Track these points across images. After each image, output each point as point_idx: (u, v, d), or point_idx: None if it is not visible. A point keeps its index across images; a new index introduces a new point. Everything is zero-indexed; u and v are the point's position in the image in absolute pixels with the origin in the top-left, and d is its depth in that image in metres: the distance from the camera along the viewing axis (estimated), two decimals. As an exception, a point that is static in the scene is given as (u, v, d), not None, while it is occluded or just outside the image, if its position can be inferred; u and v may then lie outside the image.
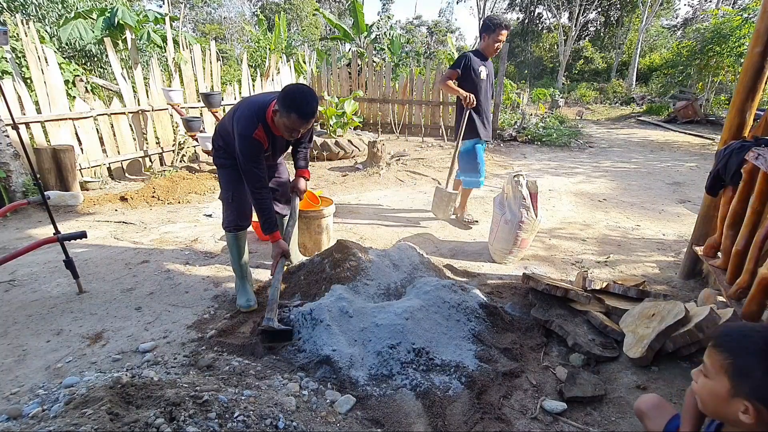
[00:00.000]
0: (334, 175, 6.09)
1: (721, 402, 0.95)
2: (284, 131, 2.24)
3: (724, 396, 0.94)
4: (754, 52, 2.33)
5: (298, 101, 2.10)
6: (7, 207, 2.78)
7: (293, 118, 2.12)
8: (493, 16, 3.62)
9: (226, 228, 2.58)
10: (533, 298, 2.50)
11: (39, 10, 8.76)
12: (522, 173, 3.24)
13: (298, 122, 2.14)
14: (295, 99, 2.11)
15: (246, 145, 2.21)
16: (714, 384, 0.96)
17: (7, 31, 2.38)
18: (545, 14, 25.54)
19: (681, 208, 4.79)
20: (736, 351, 0.93)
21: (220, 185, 2.59)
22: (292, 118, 2.12)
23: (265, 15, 18.83)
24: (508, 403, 1.84)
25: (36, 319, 2.47)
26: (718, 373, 0.95)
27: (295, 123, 2.15)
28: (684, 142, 9.21)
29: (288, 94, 2.12)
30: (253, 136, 2.20)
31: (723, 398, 0.94)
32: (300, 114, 2.12)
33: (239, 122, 2.22)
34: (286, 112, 2.12)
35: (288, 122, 2.15)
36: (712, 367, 0.97)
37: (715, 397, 0.96)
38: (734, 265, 2.17)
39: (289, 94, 2.12)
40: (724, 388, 0.93)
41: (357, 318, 2.15)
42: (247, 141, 2.21)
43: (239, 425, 1.38)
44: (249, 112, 2.24)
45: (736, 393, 0.91)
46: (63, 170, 4.57)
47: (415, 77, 9.13)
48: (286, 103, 2.11)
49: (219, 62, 7.08)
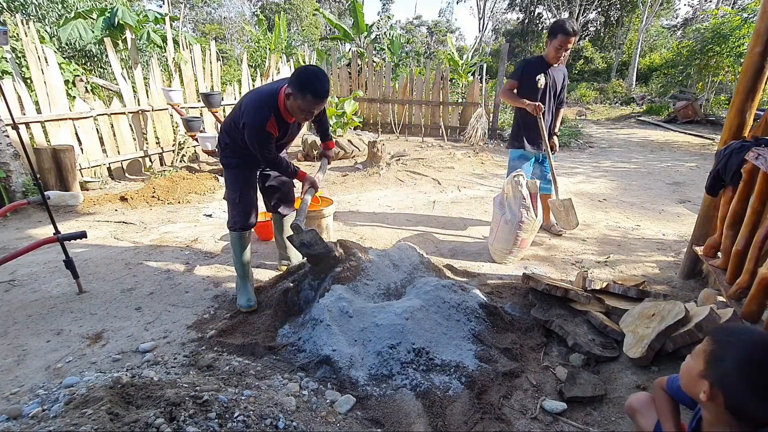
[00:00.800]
0: (334, 175, 6.09)
1: (691, 379, 1.07)
2: (298, 114, 2.25)
3: (695, 375, 1.05)
4: (754, 52, 2.33)
5: (312, 82, 2.11)
6: (7, 207, 2.78)
7: (308, 99, 2.13)
8: (559, 19, 3.27)
9: (231, 228, 2.58)
10: (533, 298, 2.50)
11: (39, 10, 8.76)
12: (522, 173, 3.24)
13: (313, 103, 2.15)
14: (309, 80, 2.11)
15: (256, 135, 2.23)
16: (692, 363, 1.08)
17: (7, 31, 2.38)
18: (545, 14, 25.55)
19: (681, 208, 4.79)
20: (721, 341, 1.02)
21: (226, 185, 2.58)
22: (307, 99, 2.13)
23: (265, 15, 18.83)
24: (508, 403, 1.84)
25: (36, 319, 2.47)
26: (700, 355, 1.05)
27: (310, 104, 2.16)
28: (684, 142, 9.20)
29: (300, 75, 2.13)
30: (265, 128, 2.22)
31: (693, 376, 1.06)
32: (315, 94, 2.12)
33: (249, 113, 2.22)
34: (300, 93, 2.12)
35: (303, 104, 2.15)
36: (699, 349, 1.08)
37: (689, 373, 1.08)
38: (734, 265, 2.17)
39: (301, 75, 2.13)
40: (698, 369, 1.04)
41: (357, 318, 2.15)
42: (257, 132, 2.22)
43: (239, 425, 1.38)
44: (259, 103, 2.24)
45: (704, 375, 1.02)
46: (63, 170, 4.57)
47: (415, 77, 9.12)
48: (300, 84, 2.11)
49: (219, 62, 7.08)
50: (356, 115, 8.31)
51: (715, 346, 1.02)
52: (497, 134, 8.79)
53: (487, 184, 5.71)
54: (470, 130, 8.32)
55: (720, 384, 0.97)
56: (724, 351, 0.99)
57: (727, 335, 1.03)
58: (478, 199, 5.00)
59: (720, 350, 1.00)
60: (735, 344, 0.98)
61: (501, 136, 8.83)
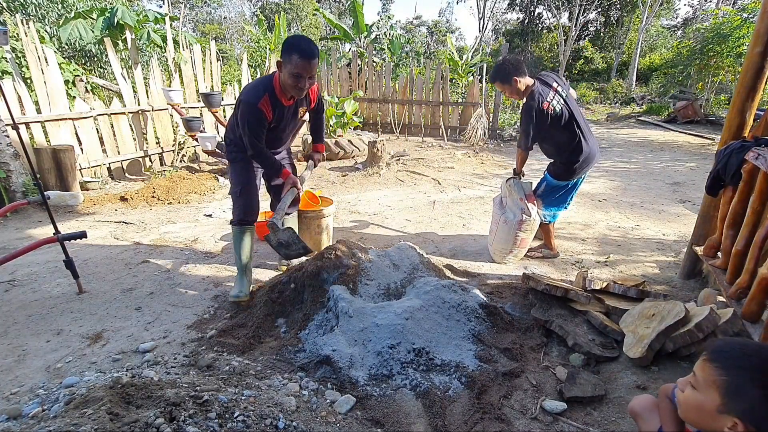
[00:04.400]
0: (334, 175, 6.09)
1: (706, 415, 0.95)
2: (291, 84, 2.25)
3: (711, 410, 0.93)
4: (754, 52, 2.33)
5: (297, 43, 2.17)
6: (7, 207, 2.78)
7: (295, 60, 2.16)
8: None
9: (232, 222, 2.66)
10: (533, 298, 2.50)
11: (39, 10, 8.76)
12: (522, 173, 3.24)
13: (300, 64, 2.17)
14: (294, 42, 2.18)
15: (248, 111, 2.26)
16: (703, 398, 0.95)
17: (7, 31, 2.38)
18: (545, 14, 25.51)
19: (681, 208, 4.79)
20: (732, 369, 0.92)
21: (230, 180, 2.67)
22: (293, 60, 2.16)
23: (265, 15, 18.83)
24: (508, 403, 1.83)
25: (36, 319, 2.47)
26: (710, 388, 0.94)
27: (298, 65, 2.17)
28: (684, 142, 9.20)
29: (287, 41, 2.21)
30: (258, 105, 2.25)
31: (709, 412, 0.94)
32: (301, 53, 2.15)
33: (245, 92, 2.31)
34: (287, 56, 2.17)
35: (291, 68, 2.18)
36: (703, 380, 0.96)
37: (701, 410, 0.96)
38: (734, 265, 2.17)
39: (287, 40, 2.21)
40: (714, 403, 0.93)
41: (357, 318, 2.15)
42: (250, 108, 2.26)
43: (239, 425, 1.38)
44: (255, 83, 2.35)
45: (726, 410, 0.91)
46: (63, 170, 4.57)
47: (415, 77, 9.12)
48: (286, 47, 2.18)
49: (219, 62, 7.08)
50: (356, 115, 8.30)
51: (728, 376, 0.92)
52: (497, 134, 8.79)
53: (487, 184, 5.71)
54: (470, 130, 8.32)
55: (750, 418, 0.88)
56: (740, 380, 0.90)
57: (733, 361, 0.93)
58: (478, 199, 5.00)
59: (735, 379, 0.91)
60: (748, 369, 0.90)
61: (501, 136, 8.83)
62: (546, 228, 3.30)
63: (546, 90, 2.82)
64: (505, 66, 2.83)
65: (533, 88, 2.83)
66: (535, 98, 2.77)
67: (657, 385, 1.93)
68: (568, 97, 2.90)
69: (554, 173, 3.09)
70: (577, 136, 2.88)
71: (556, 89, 2.86)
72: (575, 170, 2.98)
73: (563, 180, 3.06)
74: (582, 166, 2.96)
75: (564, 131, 2.87)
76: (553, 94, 2.83)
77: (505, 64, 2.84)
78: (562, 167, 3.02)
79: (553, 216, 3.24)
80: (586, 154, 2.92)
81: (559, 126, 2.84)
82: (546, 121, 2.80)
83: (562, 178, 3.06)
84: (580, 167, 2.96)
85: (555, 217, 3.27)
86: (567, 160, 2.97)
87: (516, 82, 2.81)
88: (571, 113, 2.85)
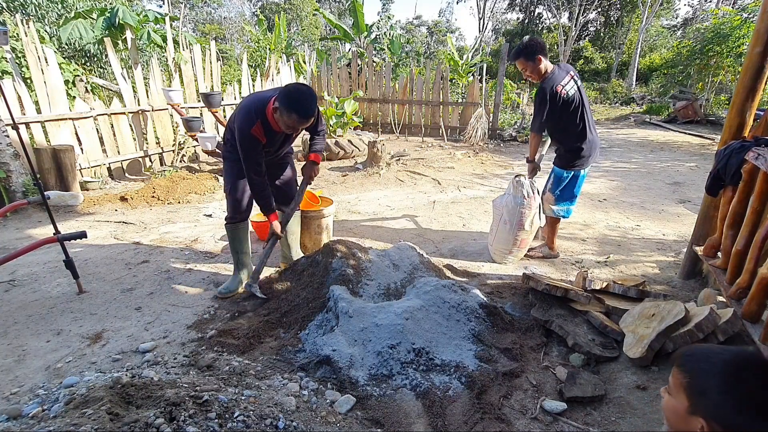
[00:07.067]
0: (334, 175, 6.09)
1: (680, 419, 1.00)
2: (284, 127, 2.34)
3: (683, 413, 0.98)
4: (754, 52, 2.33)
5: (299, 102, 2.19)
6: (7, 207, 2.78)
7: (294, 118, 2.22)
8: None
9: (225, 219, 2.74)
10: (533, 298, 2.50)
11: (39, 10, 8.76)
12: (523, 174, 3.24)
13: (298, 122, 2.25)
14: (296, 100, 2.18)
15: (243, 138, 2.35)
16: (675, 402, 1.00)
17: (7, 31, 2.38)
18: (545, 14, 25.52)
19: (681, 208, 4.79)
20: (695, 371, 0.97)
21: (224, 177, 2.72)
22: (292, 117, 2.21)
23: (265, 15, 18.80)
24: (508, 403, 1.83)
25: (36, 319, 2.47)
26: (679, 392, 0.99)
27: (295, 122, 2.25)
28: (684, 142, 9.20)
29: (288, 94, 2.19)
30: (250, 132, 2.32)
31: (682, 416, 0.98)
32: (300, 114, 2.21)
33: (239, 117, 2.36)
34: (286, 111, 2.20)
35: (288, 121, 2.24)
36: (674, 385, 1.01)
37: (676, 414, 1.01)
38: (734, 265, 2.17)
39: (289, 94, 2.19)
40: (683, 406, 0.97)
41: (357, 318, 2.15)
42: (243, 135, 2.34)
43: (239, 425, 1.38)
44: (248, 107, 2.35)
45: (694, 411, 0.95)
46: (63, 170, 4.57)
47: (415, 77, 9.12)
48: (286, 102, 2.18)
49: (219, 62, 7.08)
50: (356, 115, 8.30)
51: (691, 378, 0.97)
52: (497, 134, 8.78)
53: (487, 184, 5.71)
54: (470, 130, 8.32)
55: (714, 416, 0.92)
56: (702, 381, 0.94)
57: (695, 363, 0.98)
58: (478, 199, 5.00)
59: (697, 381, 0.95)
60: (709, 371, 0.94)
61: (501, 136, 8.82)
62: (554, 225, 3.36)
63: (562, 74, 2.94)
64: (533, 44, 2.94)
65: (551, 71, 2.95)
66: (551, 80, 2.89)
67: (657, 385, 1.93)
68: (582, 86, 3.02)
69: (559, 163, 3.20)
70: (583, 123, 3.01)
71: (572, 76, 2.98)
72: (579, 157, 3.08)
73: (568, 169, 3.15)
74: (585, 154, 3.06)
75: (572, 116, 2.98)
76: (569, 79, 2.94)
77: (533, 42, 2.96)
78: (568, 155, 3.12)
79: (566, 211, 3.30)
80: (589, 142, 3.05)
81: (568, 110, 2.95)
82: (558, 104, 2.91)
83: (566, 167, 3.15)
84: (584, 155, 3.07)
85: (569, 213, 3.32)
86: (572, 147, 3.07)
87: (539, 61, 2.92)
88: (581, 101, 2.98)
